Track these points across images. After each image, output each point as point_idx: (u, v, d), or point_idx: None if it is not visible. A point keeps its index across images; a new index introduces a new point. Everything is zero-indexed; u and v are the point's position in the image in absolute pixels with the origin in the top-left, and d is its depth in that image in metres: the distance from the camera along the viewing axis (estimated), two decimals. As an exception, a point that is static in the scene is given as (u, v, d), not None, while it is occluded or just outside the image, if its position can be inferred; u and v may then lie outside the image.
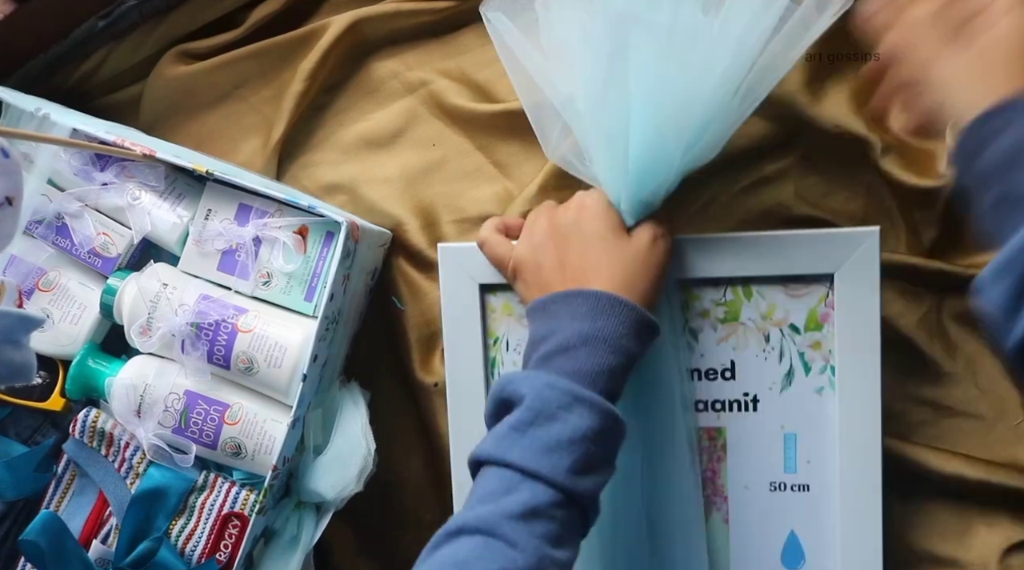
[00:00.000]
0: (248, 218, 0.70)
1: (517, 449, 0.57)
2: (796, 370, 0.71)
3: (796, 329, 0.71)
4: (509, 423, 0.58)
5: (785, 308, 0.70)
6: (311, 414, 0.70)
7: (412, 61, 0.81)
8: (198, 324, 0.68)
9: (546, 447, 0.56)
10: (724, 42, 0.61)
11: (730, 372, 0.71)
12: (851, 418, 0.69)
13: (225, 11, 0.81)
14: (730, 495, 0.72)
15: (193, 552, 0.69)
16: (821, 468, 0.71)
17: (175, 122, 0.83)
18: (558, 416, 0.57)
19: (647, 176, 0.64)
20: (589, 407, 0.58)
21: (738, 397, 0.72)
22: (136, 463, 0.71)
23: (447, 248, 0.73)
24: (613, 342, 0.60)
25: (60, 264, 0.75)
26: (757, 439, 0.72)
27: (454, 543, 0.54)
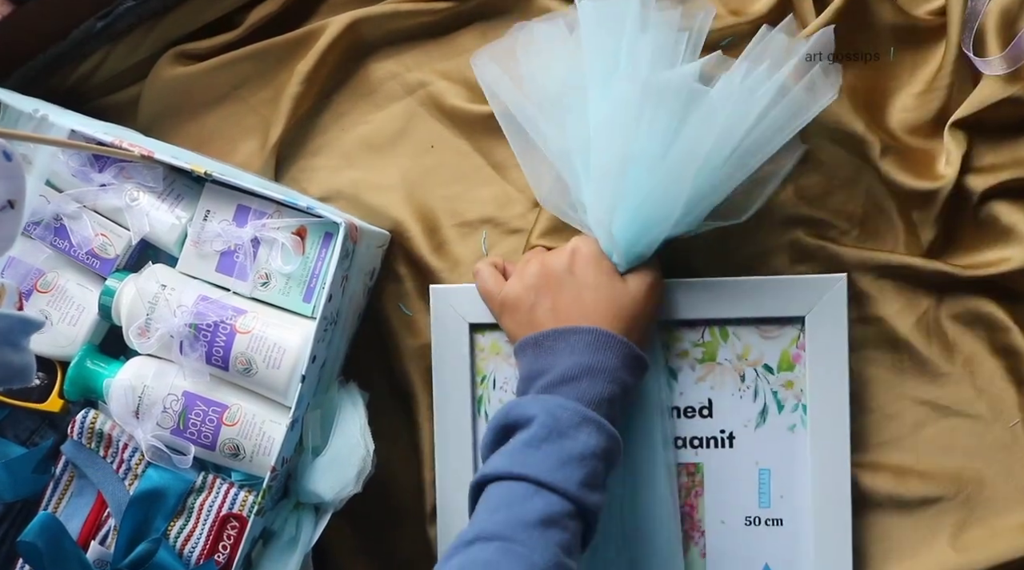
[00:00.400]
0: (246, 219, 0.70)
1: (532, 462, 0.59)
2: (770, 408, 0.74)
3: (770, 369, 0.74)
4: (521, 441, 0.61)
5: (760, 349, 0.74)
6: (310, 415, 0.70)
7: (411, 62, 0.81)
8: (196, 325, 0.68)
9: (560, 461, 0.59)
10: (723, 109, 0.64)
11: (707, 410, 0.75)
12: (822, 454, 0.73)
13: (223, 12, 0.81)
14: (707, 529, 0.75)
15: (192, 553, 0.69)
16: (793, 503, 0.74)
17: (173, 123, 0.83)
18: (569, 434, 0.61)
19: (641, 234, 0.68)
20: (597, 427, 0.62)
21: (715, 434, 0.75)
22: (134, 464, 0.71)
23: (439, 289, 0.76)
24: (611, 373, 0.64)
25: (58, 265, 0.75)
26: (733, 475, 0.75)
27: (471, 550, 0.56)
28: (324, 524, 0.71)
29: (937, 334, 0.75)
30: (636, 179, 0.66)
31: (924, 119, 0.74)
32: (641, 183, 0.66)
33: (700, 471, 0.75)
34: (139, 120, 0.83)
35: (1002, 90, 0.70)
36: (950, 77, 0.72)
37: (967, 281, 0.73)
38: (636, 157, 0.65)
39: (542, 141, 0.70)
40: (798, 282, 0.73)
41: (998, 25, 0.71)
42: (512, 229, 0.79)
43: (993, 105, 0.71)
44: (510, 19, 0.79)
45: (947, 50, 0.72)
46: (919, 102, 0.74)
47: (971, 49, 0.71)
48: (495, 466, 0.61)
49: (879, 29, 0.74)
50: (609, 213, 0.67)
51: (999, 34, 0.71)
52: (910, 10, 0.74)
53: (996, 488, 0.75)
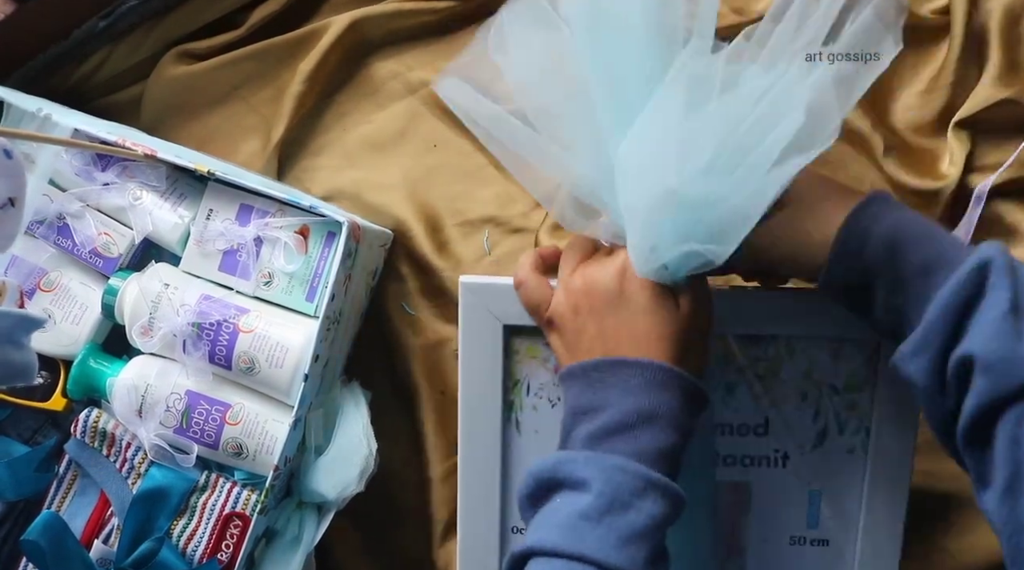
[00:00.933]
0: (249, 218, 0.70)
1: (591, 540, 0.51)
2: (830, 429, 0.69)
3: (836, 389, 0.68)
4: (576, 511, 0.52)
5: (826, 368, 0.68)
6: (312, 414, 0.70)
7: (413, 61, 0.81)
8: (199, 324, 0.68)
9: (623, 539, 0.51)
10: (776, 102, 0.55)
11: (763, 428, 0.69)
12: (881, 479, 0.68)
13: (225, 11, 0.81)
14: (749, 547, 0.71)
15: (195, 552, 0.69)
16: (843, 524, 0.70)
17: (176, 122, 0.83)
18: (632, 504, 0.52)
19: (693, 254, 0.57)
20: (663, 493, 0.53)
21: (767, 453, 0.70)
22: (137, 463, 0.71)
23: (470, 284, 0.67)
24: (672, 419, 0.55)
25: (61, 264, 0.75)
26: (782, 495, 0.70)
27: None
28: (327, 523, 0.71)
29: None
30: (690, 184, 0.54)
31: (927, 118, 0.74)
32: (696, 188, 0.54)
33: (747, 490, 0.70)
34: (142, 119, 0.83)
35: (1000, 91, 0.70)
36: (953, 75, 0.72)
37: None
38: (685, 160, 0.55)
39: (545, 157, 0.59)
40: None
41: (1001, 25, 0.71)
42: (515, 228, 0.79)
43: (992, 106, 0.71)
44: (512, 18, 0.79)
45: (950, 49, 0.72)
46: (922, 101, 0.74)
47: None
48: (544, 539, 0.52)
49: (883, 28, 0.74)
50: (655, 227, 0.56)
51: (1002, 34, 0.71)
52: (914, 9, 0.74)
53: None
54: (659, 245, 0.56)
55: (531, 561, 0.52)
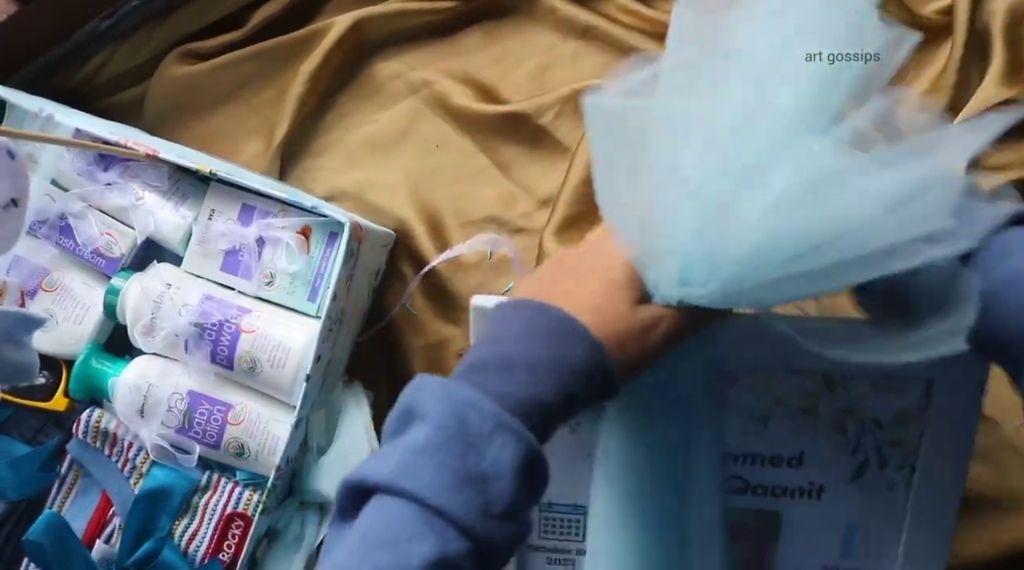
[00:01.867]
0: (251, 218, 0.70)
1: (423, 476, 0.46)
2: (871, 464, 0.65)
3: (879, 424, 0.64)
4: (414, 443, 0.47)
5: (870, 404, 0.63)
6: (314, 414, 0.70)
7: (415, 62, 0.81)
8: (201, 324, 0.68)
9: (459, 479, 0.46)
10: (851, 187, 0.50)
11: (797, 460, 0.66)
12: (924, 517, 0.65)
13: (228, 12, 0.81)
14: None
15: (196, 552, 0.69)
16: (879, 556, 0.67)
17: (178, 122, 0.83)
18: (476, 445, 0.47)
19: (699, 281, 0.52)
20: (516, 438, 0.47)
21: (802, 485, 0.66)
22: (139, 463, 0.71)
23: (482, 303, 0.61)
24: (560, 375, 0.49)
25: (64, 264, 0.75)
26: (814, 526, 0.66)
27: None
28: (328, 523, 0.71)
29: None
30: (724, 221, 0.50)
31: (930, 118, 0.74)
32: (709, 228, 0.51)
33: (778, 519, 0.66)
34: (144, 119, 0.83)
35: (1003, 91, 0.70)
36: (956, 76, 0.72)
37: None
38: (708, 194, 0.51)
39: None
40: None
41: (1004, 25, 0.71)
42: (516, 228, 0.79)
43: (996, 106, 0.70)
44: (514, 18, 0.80)
45: (953, 49, 0.72)
46: (925, 101, 0.74)
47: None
48: (377, 470, 0.46)
49: (884, 28, 0.74)
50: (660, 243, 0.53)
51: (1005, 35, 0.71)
52: (916, 9, 0.74)
53: (1002, 488, 0.74)
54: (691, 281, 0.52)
55: (373, 498, 0.46)
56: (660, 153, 0.53)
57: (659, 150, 0.53)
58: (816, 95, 0.52)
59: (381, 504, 0.46)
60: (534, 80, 0.79)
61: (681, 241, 0.52)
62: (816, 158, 0.49)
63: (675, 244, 0.52)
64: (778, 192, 0.49)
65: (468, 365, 0.50)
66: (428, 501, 0.45)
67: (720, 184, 0.51)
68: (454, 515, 0.45)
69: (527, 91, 0.79)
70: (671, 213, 0.52)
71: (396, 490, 0.45)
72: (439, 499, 0.45)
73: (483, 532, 0.46)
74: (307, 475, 0.71)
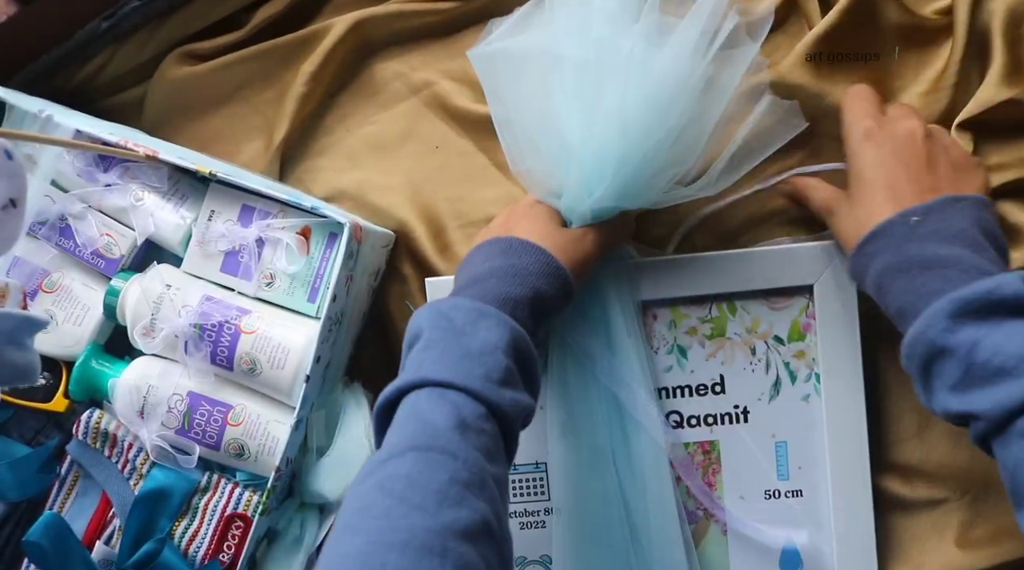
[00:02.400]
0: (251, 219, 0.70)
1: (428, 365, 0.54)
2: (783, 380, 0.73)
3: (780, 340, 0.73)
4: (415, 350, 0.56)
5: (768, 321, 0.73)
6: (314, 415, 0.70)
7: (415, 62, 0.81)
8: (201, 325, 0.68)
9: (456, 358, 0.54)
10: (670, 75, 0.62)
11: (720, 386, 0.74)
12: (838, 422, 0.72)
13: (228, 12, 0.81)
14: (727, 506, 0.74)
15: (196, 553, 0.69)
16: (812, 473, 0.73)
17: (178, 123, 0.83)
18: (465, 331, 0.56)
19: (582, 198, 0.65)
20: (496, 321, 0.56)
21: (729, 410, 0.74)
22: (139, 464, 0.71)
23: (437, 282, 0.74)
24: (522, 276, 0.60)
25: (63, 265, 0.75)
26: (750, 449, 0.74)
27: (387, 467, 0.49)
28: (329, 524, 0.71)
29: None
30: (587, 143, 0.63)
31: (930, 119, 0.74)
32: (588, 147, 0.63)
33: (716, 448, 0.74)
34: (144, 120, 0.83)
35: (1003, 92, 0.70)
36: (955, 77, 0.72)
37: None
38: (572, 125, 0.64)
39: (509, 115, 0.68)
40: (803, 251, 0.71)
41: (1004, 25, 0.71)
42: (517, 229, 0.79)
43: (995, 106, 0.70)
44: (515, 19, 0.80)
45: (953, 50, 0.72)
46: (925, 102, 0.73)
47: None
48: (393, 384, 0.55)
49: (885, 29, 0.73)
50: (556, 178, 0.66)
51: (1005, 35, 0.71)
52: (916, 9, 0.73)
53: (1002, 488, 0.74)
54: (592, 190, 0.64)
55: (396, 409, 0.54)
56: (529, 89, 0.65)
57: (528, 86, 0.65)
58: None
59: (403, 404, 0.54)
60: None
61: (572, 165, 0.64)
62: (623, 55, 0.61)
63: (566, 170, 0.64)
64: (618, 94, 0.61)
65: (450, 294, 0.60)
66: (438, 379, 0.53)
67: (578, 109, 0.63)
68: (462, 384, 0.53)
69: (527, 92, 0.79)
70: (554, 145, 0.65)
71: (410, 386, 0.54)
72: (445, 375, 0.53)
73: (491, 395, 0.53)
74: (307, 476, 0.71)
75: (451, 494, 0.47)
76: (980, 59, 0.72)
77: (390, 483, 0.48)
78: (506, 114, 0.67)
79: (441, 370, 0.54)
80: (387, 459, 0.50)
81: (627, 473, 0.71)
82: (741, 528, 0.73)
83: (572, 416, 0.71)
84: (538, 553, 0.75)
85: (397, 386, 0.54)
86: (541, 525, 0.75)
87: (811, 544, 0.73)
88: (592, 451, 0.70)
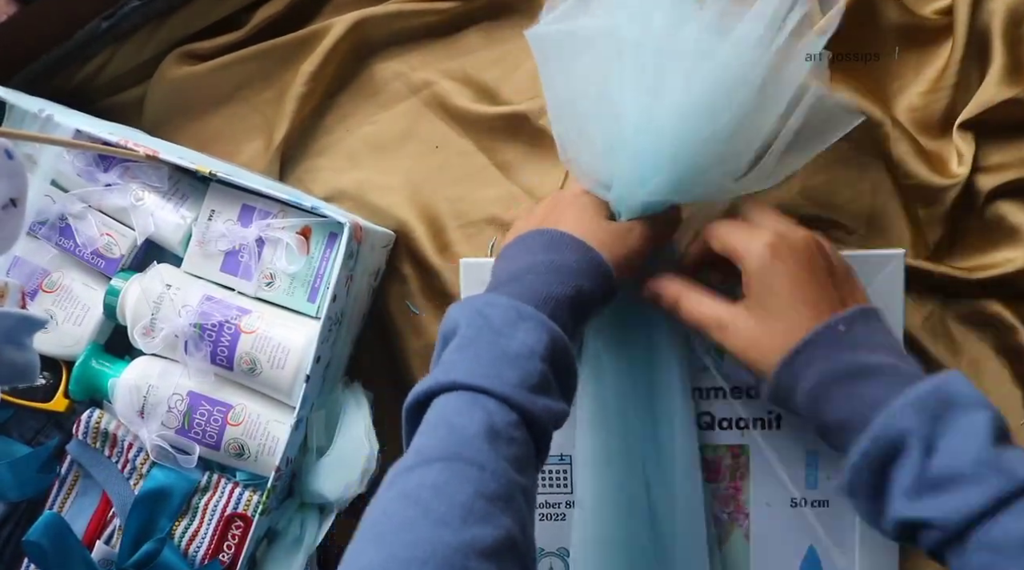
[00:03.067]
0: (251, 219, 0.70)
1: (462, 367, 0.52)
2: None
3: None
4: (451, 348, 0.54)
5: None
6: (314, 415, 0.70)
7: (415, 62, 0.81)
8: (201, 325, 0.68)
9: (492, 361, 0.52)
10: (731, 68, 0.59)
11: (754, 390, 0.72)
12: None
13: (228, 12, 0.81)
14: (752, 511, 0.73)
15: (196, 553, 0.69)
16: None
17: (178, 123, 0.83)
18: (503, 332, 0.53)
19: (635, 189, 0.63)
20: (536, 324, 0.54)
21: (762, 415, 0.72)
22: (139, 464, 0.71)
23: (469, 263, 0.72)
24: (564, 273, 0.57)
25: (63, 265, 0.75)
26: (780, 456, 0.72)
27: (413, 475, 0.48)
28: (329, 524, 0.71)
29: (943, 335, 0.75)
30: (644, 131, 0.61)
31: (931, 119, 0.74)
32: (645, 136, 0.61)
33: (746, 453, 0.73)
34: (144, 120, 0.83)
35: (1004, 91, 0.70)
36: (956, 77, 0.72)
37: (973, 283, 0.72)
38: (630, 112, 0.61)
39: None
40: (854, 258, 0.67)
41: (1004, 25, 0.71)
42: (517, 229, 0.79)
43: (996, 106, 0.70)
44: (516, 18, 0.80)
45: (953, 49, 0.72)
46: (925, 101, 0.74)
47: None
48: (425, 383, 0.53)
49: (885, 29, 0.74)
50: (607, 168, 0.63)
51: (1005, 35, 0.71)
52: (916, 9, 0.73)
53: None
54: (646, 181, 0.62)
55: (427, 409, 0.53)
56: (586, 73, 0.62)
57: (585, 70, 0.62)
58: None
59: (433, 405, 0.52)
60: (534, 81, 0.79)
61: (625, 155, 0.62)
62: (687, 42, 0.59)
63: (619, 159, 0.62)
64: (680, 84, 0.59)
65: (487, 289, 0.58)
66: (471, 384, 0.51)
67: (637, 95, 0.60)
68: (495, 390, 0.51)
69: (527, 92, 0.79)
70: (609, 132, 0.62)
71: (442, 388, 0.52)
72: (479, 380, 0.51)
73: (525, 402, 0.51)
74: (307, 476, 0.71)
75: (476, 509, 0.46)
76: (980, 59, 0.72)
77: (416, 492, 0.47)
78: (559, 98, 0.64)
79: (475, 374, 0.52)
80: (414, 466, 0.49)
81: (656, 472, 0.70)
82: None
83: (604, 409, 0.69)
84: (556, 546, 0.74)
85: (429, 386, 0.53)
86: (561, 517, 0.74)
87: (833, 553, 0.72)
88: (622, 447, 0.69)
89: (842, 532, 0.72)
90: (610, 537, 0.69)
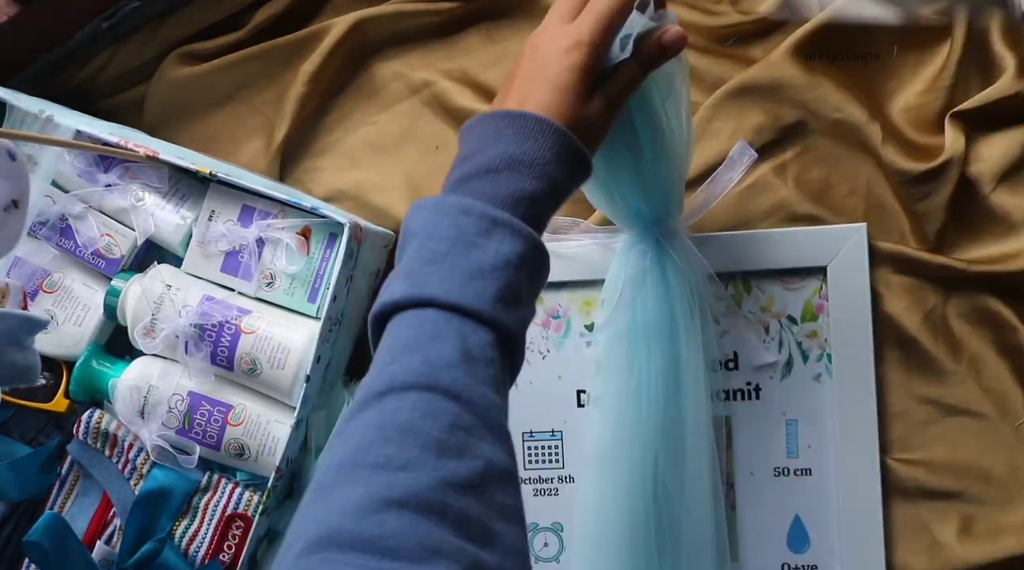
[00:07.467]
0: (251, 219, 0.70)
1: (435, 281, 0.49)
2: (795, 359, 0.75)
3: (793, 320, 0.75)
4: (421, 258, 0.50)
5: (782, 300, 0.75)
6: (314, 415, 0.70)
7: (416, 62, 0.81)
8: (201, 325, 0.68)
9: (467, 275, 0.49)
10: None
11: (733, 362, 0.75)
12: (847, 402, 0.73)
13: (228, 12, 0.81)
14: (736, 482, 0.75)
15: (197, 553, 0.70)
16: (821, 452, 0.74)
17: (178, 123, 0.83)
18: (477, 244, 0.50)
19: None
20: (511, 231, 0.51)
21: (741, 386, 0.75)
22: (140, 464, 0.71)
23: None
24: (539, 167, 0.54)
25: (64, 265, 0.75)
26: (760, 426, 0.75)
27: (386, 403, 0.46)
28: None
29: (944, 332, 0.75)
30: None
31: (927, 117, 0.74)
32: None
33: (728, 424, 0.75)
34: (144, 120, 0.83)
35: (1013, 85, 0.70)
36: (953, 78, 0.72)
37: (974, 277, 0.72)
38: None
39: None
40: (819, 232, 0.73)
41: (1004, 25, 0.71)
42: (517, 229, 0.79)
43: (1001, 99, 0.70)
44: (515, 19, 0.80)
45: (952, 49, 0.72)
46: (922, 100, 0.74)
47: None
48: (394, 292, 0.50)
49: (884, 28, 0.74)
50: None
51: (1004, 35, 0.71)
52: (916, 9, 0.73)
53: (1001, 486, 0.74)
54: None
55: (392, 319, 0.50)
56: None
57: None
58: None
59: (400, 319, 0.49)
60: (534, 81, 0.79)
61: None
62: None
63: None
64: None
65: (454, 181, 0.54)
66: (446, 301, 0.48)
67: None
68: (471, 307, 0.48)
69: (527, 92, 0.79)
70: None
71: (415, 302, 0.49)
72: (454, 296, 0.48)
73: (501, 318, 0.49)
74: (307, 476, 0.71)
75: (452, 443, 0.44)
76: (978, 59, 0.72)
77: (391, 422, 0.45)
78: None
79: (450, 290, 0.49)
80: (386, 392, 0.46)
81: (662, 444, 0.69)
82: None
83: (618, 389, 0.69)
84: (550, 520, 0.76)
85: (399, 298, 0.49)
86: (555, 492, 0.76)
87: (819, 522, 0.74)
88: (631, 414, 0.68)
89: (827, 501, 0.74)
90: (612, 509, 0.69)
